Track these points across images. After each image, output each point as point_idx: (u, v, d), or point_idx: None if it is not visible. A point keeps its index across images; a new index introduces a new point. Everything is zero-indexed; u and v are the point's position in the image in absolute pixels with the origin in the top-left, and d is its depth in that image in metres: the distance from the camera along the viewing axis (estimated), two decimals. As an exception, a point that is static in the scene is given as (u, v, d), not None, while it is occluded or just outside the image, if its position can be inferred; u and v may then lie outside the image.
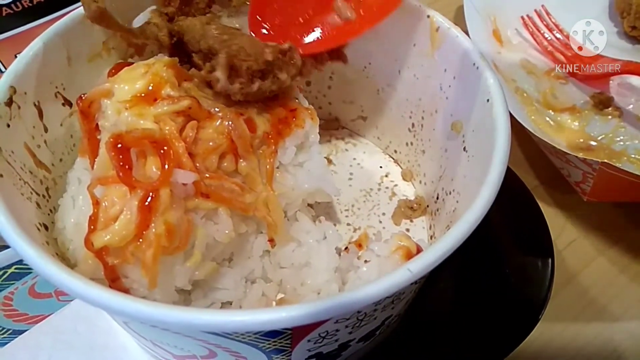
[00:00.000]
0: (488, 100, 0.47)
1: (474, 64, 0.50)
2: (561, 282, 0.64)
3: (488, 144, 0.45)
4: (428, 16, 0.54)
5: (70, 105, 0.53)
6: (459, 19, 0.82)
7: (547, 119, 0.77)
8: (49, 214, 0.49)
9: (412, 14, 0.55)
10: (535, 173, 0.76)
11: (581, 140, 0.75)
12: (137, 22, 0.53)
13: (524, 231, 0.62)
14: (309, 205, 0.57)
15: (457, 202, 0.52)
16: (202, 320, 0.34)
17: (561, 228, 0.70)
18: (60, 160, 0.53)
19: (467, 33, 0.76)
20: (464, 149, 0.52)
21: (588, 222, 0.70)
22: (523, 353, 0.56)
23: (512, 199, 0.44)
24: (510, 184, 0.42)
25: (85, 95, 0.48)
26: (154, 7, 0.53)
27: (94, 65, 0.55)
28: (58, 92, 0.52)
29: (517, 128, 0.46)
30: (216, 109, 0.47)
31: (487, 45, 0.81)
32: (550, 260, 0.59)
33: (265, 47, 0.48)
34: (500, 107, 0.46)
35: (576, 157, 0.63)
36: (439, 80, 0.55)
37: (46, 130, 0.51)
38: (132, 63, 0.49)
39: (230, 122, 0.47)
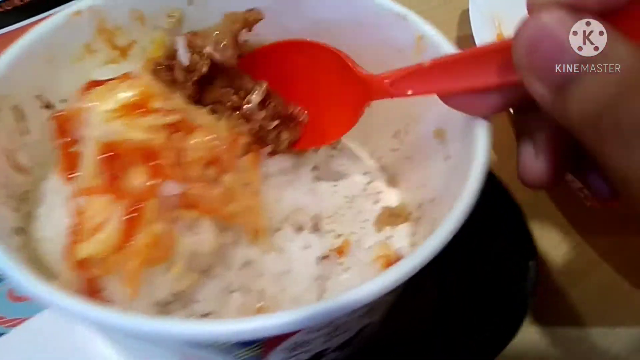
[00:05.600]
0: (469, 108, 0.47)
1: (457, 72, 0.49)
2: (564, 287, 0.63)
3: (469, 153, 0.45)
4: (412, 22, 0.54)
5: (50, 108, 0.53)
6: (464, 23, 0.81)
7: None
8: (26, 219, 0.49)
9: (395, 19, 0.55)
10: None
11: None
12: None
13: (504, 233, 0.62)
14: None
15: (438, 210, 0.52)
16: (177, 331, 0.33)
17: (564, 233, 0.70)
18: (39, 163, 0.52)
19: (472, 36, 0.76)
20: (447, 157, 0.52)
21: (591, 227, 0.70)
22: (524, 358, 0.55)
23: (491, 202, 0.45)
24: (490, 186, 0.42)
25: (61, 111, 0.47)
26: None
27: (76, 68, 0.54)
28: (38, 94, 0.52)
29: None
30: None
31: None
32: (532, 262, 0.59)
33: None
34: (480, 115, 0.46)
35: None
36: (423, 87, 0.55)
37: (25, 133, 0.51)
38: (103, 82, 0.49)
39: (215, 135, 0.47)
